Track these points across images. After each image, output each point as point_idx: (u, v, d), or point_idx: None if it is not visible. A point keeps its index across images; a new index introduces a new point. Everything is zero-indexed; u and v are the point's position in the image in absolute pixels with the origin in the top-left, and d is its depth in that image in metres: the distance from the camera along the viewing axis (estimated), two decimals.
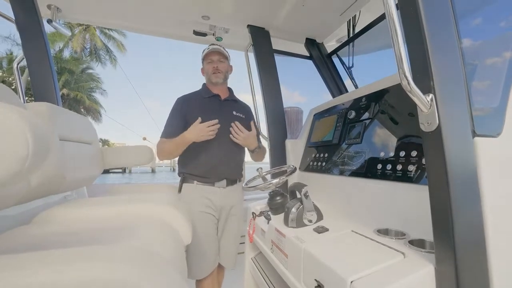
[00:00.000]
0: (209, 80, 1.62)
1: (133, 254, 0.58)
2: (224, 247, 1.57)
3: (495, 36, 0.79)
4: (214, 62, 1.59)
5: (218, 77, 1.59)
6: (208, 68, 1.59)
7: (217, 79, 1.59)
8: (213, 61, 1.59)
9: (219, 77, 1.59)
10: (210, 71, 1.58)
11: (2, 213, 1.05)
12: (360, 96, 1.23)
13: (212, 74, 1.58)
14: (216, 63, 1.59)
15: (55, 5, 1.76)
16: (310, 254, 0.77)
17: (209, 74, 1.60)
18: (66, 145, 1.19)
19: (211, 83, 1.62)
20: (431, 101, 0.59)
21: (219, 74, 1.59)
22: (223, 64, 1.61)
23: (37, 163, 0.43)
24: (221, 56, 1.61)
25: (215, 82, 1.60)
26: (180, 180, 1.58)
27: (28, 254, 0.52)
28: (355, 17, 2.02)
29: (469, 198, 0.60)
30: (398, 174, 0.87)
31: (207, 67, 1.60)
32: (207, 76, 1.62)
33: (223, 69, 1.61)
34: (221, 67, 1.59)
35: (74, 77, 22.17)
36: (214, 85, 1.62)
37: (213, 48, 1.58)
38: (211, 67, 1.58)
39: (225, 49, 1.65)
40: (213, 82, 1.60)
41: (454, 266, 0.56)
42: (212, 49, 1.58)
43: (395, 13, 0.58)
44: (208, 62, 1.60)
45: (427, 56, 0.59)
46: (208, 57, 1.60)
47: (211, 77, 1.59)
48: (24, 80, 1.72)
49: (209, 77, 1.60)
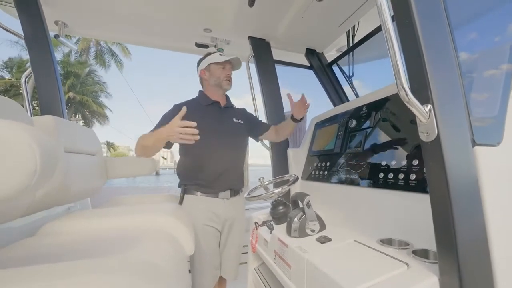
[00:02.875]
0: (219, 85, 1.58)
1: (136, 266, 0.59)
2: (226, 259, 1.54)
3: (492, 46, 0.80)
4: (227, 70, 1.58)
5: (229, 85, 1.59)
6: (221, 73, 1.56)
7: (227, 86, 1.58)
8: (226, 69, 1.58)
9: (229, 85, 1.59)
10: (223, 77, 1.56)
11: (7, 225, 1.06)
12: (361, 105, 1.24)
13: (224, 80, 1.56)
14: (229, 71, 1.59)
15: (62, 21, 1.82)
16: (313, 265, 0.76)
17: (221, 79, 1.56)
18: (71, 156, 1.21)
19: (218, 88, 1.58)
20: (429, 112, 0.59)
21: (230, 83, 1.59)
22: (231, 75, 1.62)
23: (44, 177, 0.44)
24: (231, 67, 1.62)
25: (225, 88, 1.59)
26: (181, 191, 1.52)
27: (33, 268, 0.53)
28: (354, 27, 2.06)
29: (471, 208, 0.60)
30: (401, 183, 0.87)
31: (219, 72, 1.56)
32: (217, 80, 1.56)
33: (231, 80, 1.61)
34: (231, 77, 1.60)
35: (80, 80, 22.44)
36: (218, 91, 1.59)
37: (231, 59, 1.58)
38: (225, 74, 1.56)
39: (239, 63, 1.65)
40: (223, 88, 1.59)
41: (458, 277, 0.55)
42: (230, 60, 1.58)
43: (391, 25, 0.60)
44: (221, 68, 1.57)
45: (424, 67, 0.60)
46: (222, 64, 1.57)
47: (222, 83, 1.56)
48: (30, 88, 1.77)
49: (221, 82, 1.56)
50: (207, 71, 1.59)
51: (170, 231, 1.08)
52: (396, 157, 0.93)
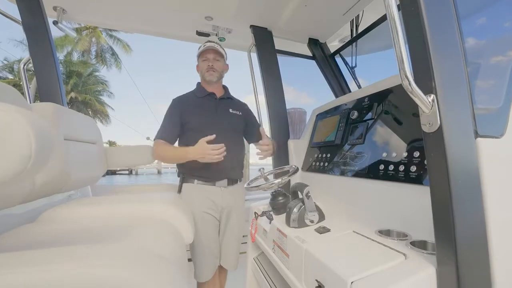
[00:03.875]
0: (203, 78, 1.59)
1: (135, 253, 0.59)
2: (226, 248, 1.56)
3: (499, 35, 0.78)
4: (209, 60, 1.55)
5: (212, 76, 1.55)
6: (203, 66, 1.56)
7: (210, 77, 1.55)
8: (208, 59, 1.55)
9: (213, 75, 1.55)
10: (204, 69, 1.55)
11: (7, 211, 1.06)
12: (363, 96, 1.22)
13: (206, 72, 1.55)
14: (212, 61, 1.55)
15: (61, 7, 1.78)
16: (311, 255, 0.77)
17: (203, 73, 1.57)
18: (70, 144, 1.21)
19: (205, 81, 1.59)
20: (432, 102, 0.58)
21: (214, 73, 1.55)
22: (218, 63, 1.58)
23: (40, 162, 0.44)
24: (217, 54, 1.57)
25: (209, 80, 1.56)
26: (180, 180, 1.56)
27: (32, 252, 0.53)
28: (358, 17, 2.01)
29: (471, 199, 0.59)
30: (401, 175, 0.87)
31: (201, 65, 1.57)
32: (201, 74, 1.59)
33: (219, 68, 1.58)
34: (216, 66, 1.56)
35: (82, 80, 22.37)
36: (208, 83, 1.59)
37: (209, 46, 1.54)
38: (206, 65, 1.55)
39: (221, 47, 1.61)
40: (207, 80, 1.57)
41: (456, 267, 0.56)
42: (208, 47, 1.54)
43: (396, 14, 0.58)
44: (203, 60, 1.56)
45: (428, 56, 0.59)
46: (203, 55, 1.56)
47: (204, 75, 1.56)
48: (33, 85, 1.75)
49: (203, 75, 1.57)
50: (198, 66, 1.63)
51: (169, 220, 1.08)
52: (397, 149, 0.92)
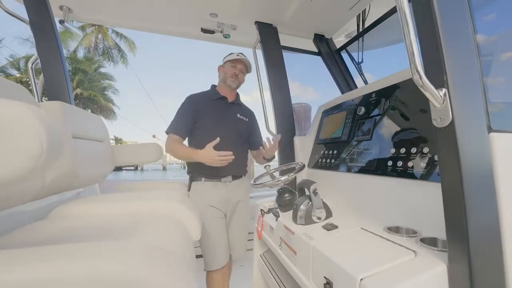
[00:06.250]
0: (224, 81, 1.67)
1: (143, 250, 0.60)
2: (233, 239, 1.64)
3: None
4: (237, 69, 1.66)
5: (234, 83, 1.66)
6: (229, 70, 1.65)
7: (232, 83, 1.66)
8: (236, 68, 1.66)
9: (235, 83, 1.66)
10: (229, 74, 1.64)
11: (18, 208, 1.08)
12: (370, 92, 1.21)
13: (229, 77, 1.64)
14: (238, 71, 1.66)
15: (67, 6, 1.79)
16: (319, 252, 0.76)
17: (227, 76, 1.65)
18: (78, 142, 1.22)
19: (224, 84, 1.67)
20: (444, 96, 0.57)
21: (235, 81, 1.66)
22: (242, 75, 1.70)
23: (51, 160, 0.44)
24: (245, 68, 1.70)
25: (229, 84, 1.66)
26: (189, 179, 1.64)
27: (43, 248, 0.54)
28: (364, 11, 1.98)
29: (484, 196, 0.58)
30: (409, 171, 0.85)
31: (228, 69, 1.65)
32: (224, 76, 1.67)
33: (241, 79, 1.70)
34: (240, 77, 1.68)
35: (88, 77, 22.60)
36: (227, 87, 1.67)
37: (242, 58, 1.66)
38: (232, 71, 1.64)
39: (250, 66, 1.73)
40: (227, 84, 1.66)
41: (468, 265, 0.55)
42: (242, 59, 1.66)
43: (407, 5, 0.57)
44: (232, 66, 1.65)
45: (440, 49, 0.57)
46: (234, 62, 1.66)
47: (227, 79, 1.65)
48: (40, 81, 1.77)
49: (226, 78, 1.65)
50: (222, 67, 1.71)
51: (176, 217, 1.09)
52: (405, 145, 0.91)
